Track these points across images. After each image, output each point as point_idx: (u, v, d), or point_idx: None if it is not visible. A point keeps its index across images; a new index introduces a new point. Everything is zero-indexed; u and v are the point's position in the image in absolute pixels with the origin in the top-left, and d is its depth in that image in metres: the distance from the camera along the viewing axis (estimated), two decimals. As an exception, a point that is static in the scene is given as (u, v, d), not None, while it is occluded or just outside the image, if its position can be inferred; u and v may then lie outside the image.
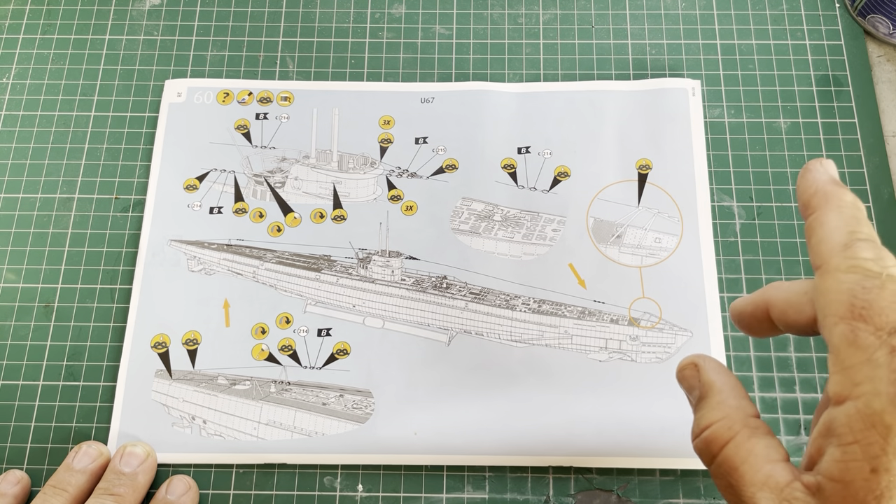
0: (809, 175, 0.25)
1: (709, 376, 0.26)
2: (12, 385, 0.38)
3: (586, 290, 0.38)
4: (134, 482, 0.34)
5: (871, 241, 0.22)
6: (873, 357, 0.20)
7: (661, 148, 0.41)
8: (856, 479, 0.19)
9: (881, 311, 0.20)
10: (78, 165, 0.42)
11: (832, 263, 0.21)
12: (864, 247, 0.21)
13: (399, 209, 0.40)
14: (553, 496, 0.36)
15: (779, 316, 0.25)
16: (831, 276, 0.21)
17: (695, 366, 0.27)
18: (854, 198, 0.23)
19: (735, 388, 0.25)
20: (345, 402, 0.37)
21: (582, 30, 0.45)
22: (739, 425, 0.23)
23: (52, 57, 0.44)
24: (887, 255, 0.21)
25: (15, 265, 0.40)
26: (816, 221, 0.23)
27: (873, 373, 0.19)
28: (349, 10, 0.45)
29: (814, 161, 0.25)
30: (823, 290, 0.21)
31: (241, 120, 0.42)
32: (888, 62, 0.44)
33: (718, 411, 0.24)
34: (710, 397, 0.25)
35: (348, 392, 0.37)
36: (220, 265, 0.39)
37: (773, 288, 0.25)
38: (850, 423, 0.19)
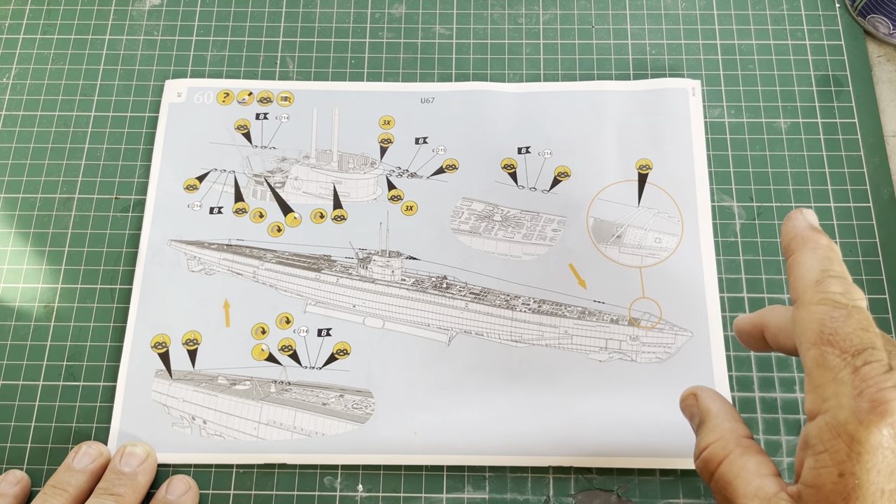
0: (790, 222, 0.28)
1: (706, 403, 0.29)
2: (12, 385, 0.38)
3: (586, 290, 0.38)
4: (134, 482, 0.34)
5: (841, 278, 0.25)
6: (839, 376, 0.22)
7: (662, 148, 0.41)
8: (826, 483, 0.22)
9: (846, 336, 0.23)
10: (78, 165, 0.42)
11: (806, 297, 0.24)
12: (834, 282, 0.24)
13: (399, 209, 0.40)
14: (553, 496, 0.36)
15: (771, 338, 0.28)
16: (805, 308, 0.24)
17: (694, 395, 0.30)
18: (829, 241, 0.26)
19: (729, 412, 0.29)
20: (345, 402, 0.37)
21: (582, 30, 0.45)
22: (733, 444, 0.26)
23: (52, 57, 0.44)
24: (855, 289, 0.24)
25: (15, 265, 0.40)
26: (794, 262, 0.26)
27: (839, 389, 0.22)
28: (349, 10, 0.45)
29: (795, 210, 0.28)
30: (798, 319, 0.24)
31: (242, 120, 0.42)
32: (888, 62, 0.44)
33: (714, 433, 0.28)
34: (708, 421, 0.28)
35: (348, 392, 0.37)
36: (220, 265, 0.39)
37: (769, 311, 0.29)
38: (820, 435, 0.22)
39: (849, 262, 0.39)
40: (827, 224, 0.40)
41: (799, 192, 0.40)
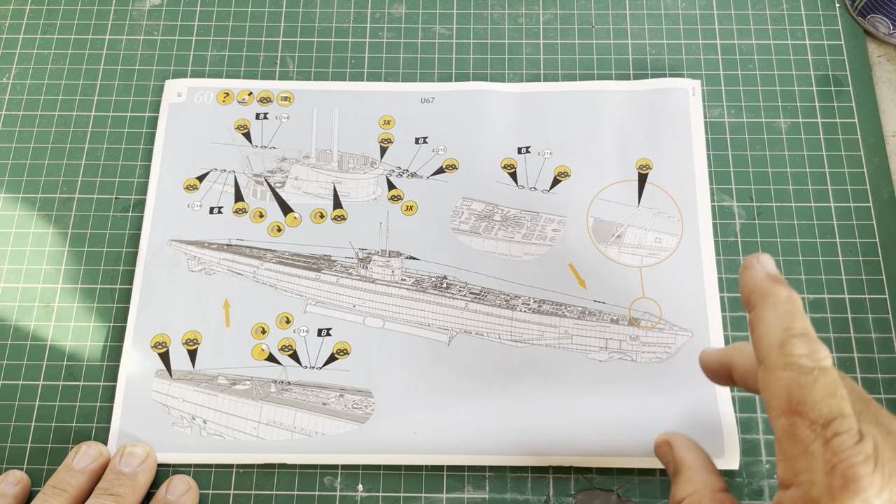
0: (747, 273, 0.27)
1: (680, 454, 0.30)
2: (12, 385, 0.38)
3: (586, 290, 0.38)
4: (134, 482, 0.34)
5: (804, 336, 0.24)
6: (810, 449, 0.22)
7: (662, 148, 0.41)
8: None
9: (815, 405, 0.23)
10: (78, 165, 0.42)
11: (771, 360, 0.24)
12: (798, 343, 0.24)
13: (399, 209, 0.40)
14: (553, 496, 0.36)
15: (740, 379, 0.29)
16: (771, 372, 0.24)
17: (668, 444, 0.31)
18: (789, 292, 0.26)
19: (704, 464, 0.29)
20: (345, 402, 0.37)
21: (582, 30, 0.45)
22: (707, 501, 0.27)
23: (52, 57, 0.44)
24: (820, 347, 0.24)
25: (15, 265, 0.40)
26: (756, 318, 0.26)
27: (811, 464, 0.22)
28: (349, 10, 0.45)
29: (751, 258, 0.28)
30: (765, 384, 0.24)
31: (242, 120, 0.42)
32: (888, 62, 0.44)
33: (689, 486, 0.28)
34: (682, 473, 0.29)
35: (348, 392, 0.37)
36: (220, 265, 0.39)
37: (737, 350, 0.29)
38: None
39: (849, 262, 0.39)
40: (827, 224, 0.40)
41: (799, 192, 0.41)
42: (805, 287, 0.39)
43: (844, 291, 0.39)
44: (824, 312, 0.38)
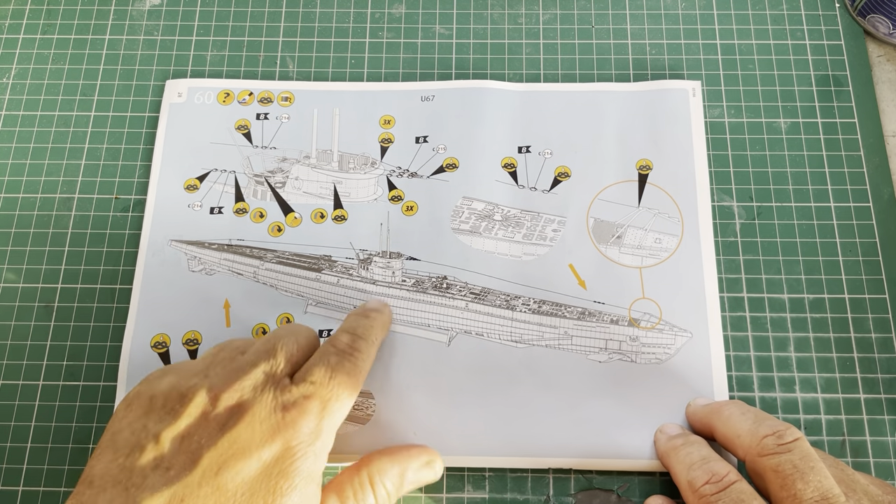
0: (655, 445, 0.35)
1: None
2: (12, 385, 0.38)
3: (586, 291, 0.38)
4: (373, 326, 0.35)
5: (702, 462, 0.31)
6: None
7: (662, 148, 0.41)
8: None
9: None
10: (78, 165, 0.42)
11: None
12: (696, 476, 0.30)
13: (399, 209, 0.40)
14: (553, 496, 0.36)
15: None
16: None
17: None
18: (685, 440, 0.33)
19: None
20: (345, 402, 0.37)
21: (582, 30, 0.45)
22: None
23: (52, 57, 0.44)
24: (721, 468, 0.30)
25: (15, 265, 0.40)
26: (671, 473, 0.33)
27: None
28: (349, 10, 0.45)
29: (655, 433, 0.35)
30: None
31: (242, 120, 0.42)
32: (888, 62, 0.44)
33: None
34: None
35: (349, 392, 0.37)
36: (220, 265, 0.39)
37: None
38: None
39: (849, 262, 0.39)
40: (827, 224, 0.40)
41: (799, 191, 0.41)
42: (805, 287, 0.39)
43: (844, 291, 0.39)
44: (824, 312, 0.38)
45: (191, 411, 0.27)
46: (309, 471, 0.27)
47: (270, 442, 0.27)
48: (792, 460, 0.29)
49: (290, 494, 0.26)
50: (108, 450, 0.27)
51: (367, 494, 0.30)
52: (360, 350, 0.32)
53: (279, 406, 0.28)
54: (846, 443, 0.36)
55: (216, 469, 0.26)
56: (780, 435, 0.30)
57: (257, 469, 0.26)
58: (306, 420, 0.28)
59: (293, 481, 0.27)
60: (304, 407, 0.28)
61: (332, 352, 0.31)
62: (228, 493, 0.26)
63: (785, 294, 0.39)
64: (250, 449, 0.27)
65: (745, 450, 0.31)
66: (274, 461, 0.27)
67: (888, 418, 0.36)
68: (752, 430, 0.30)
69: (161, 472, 0.26)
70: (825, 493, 0.27)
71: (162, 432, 0.27)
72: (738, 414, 0.32)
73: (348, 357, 0.31)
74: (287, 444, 0.27)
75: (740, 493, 0.29)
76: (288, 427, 0.28)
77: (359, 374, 0.31)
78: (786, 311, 0.38)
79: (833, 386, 0.37)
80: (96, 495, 0.25)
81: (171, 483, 0.25)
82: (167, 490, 0.25)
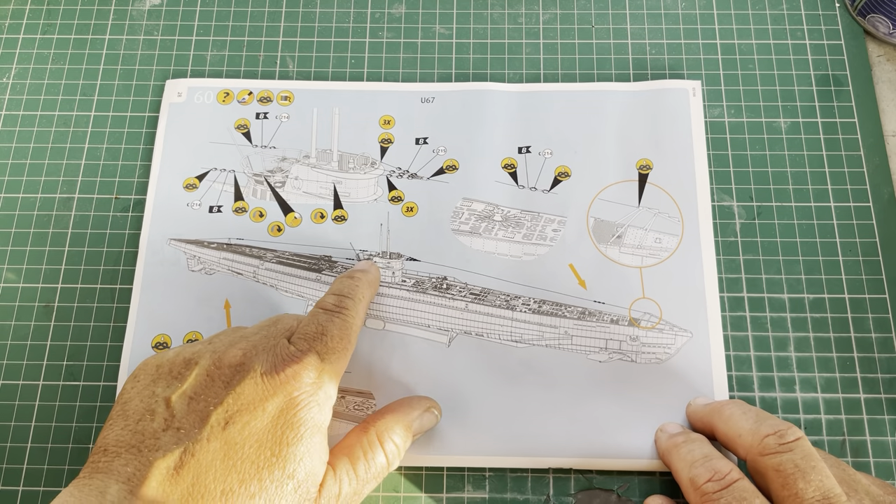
0: (656, 444, 0.35)
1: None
2: (12, 385, 0.38)
3: (586, 291, 0.38)
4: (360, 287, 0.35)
5: (704, 460, 0.31)
6: None
7: (662, 148, 0.41)
8: None
9: None
10: (78, 165, 0.42)
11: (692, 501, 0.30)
12: (699, 474, 0.30)
13: (399, 210, 0.40)
14: (553, 496, 0.36)
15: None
16: None
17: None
18: (685, 437, 0.33)
19: None
20: (346, 403, 0.37)
21: (582, 30, 0.45)
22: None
23: (52, 57, 0.44)
24: (722, 466, 0.30)
25: (15, 265, 0.40)
26: (672, 471, 0.33)
27: None
28: (349, 10, 0.45)
29: (656, 432, 0.35)
30: None
31: (242, 119, 0.42)
32: (888, 62, 0.44)
33: None
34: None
35: (349, 394, 0.37)
36: (220, 265, 0.39)
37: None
38: None
39: (849, 262, 0.39)
40: (827, 224, 0.40)
41: (799, 191, 0.41)
42: (805, 287, 0.39)
43: (844, 291, 0.39)
44: (824, 312, 0.38)
45: (197, 373, 0.29)
46: (314, 420, 0.29)
47: (273, 395, 0.28)
48: (793, 460, 0.29)
49: (296, 444, 0.28)
50: (119, 419, 0.28)
51: (376, 452, 0.31)
52: (347, 308, 0.33)
53: (279, 360, 0.29)
54: (846, 443, 0.36)
55: (223, 424, 0.27)
56: (781, 434, 0.30)
57: (264, 422, 0.28)
58: (306, 371, 0.29)
59: (299, 431, 0.28)
60: (302, 359, 0.29)
61: (321, 312, 0.32)
62: (237, 445, 0.27)
63: (785, 294, 0.39)
64: (254, 402, 0.28)
65: (746, 449, 0.31)
66: (279, 413, 0.28)
67: (888, 418, 0.36)
68: (753, 430, 0.30)
69: (172, 433, 0.27)
70: (826, 493, 0.27)
71: (171, 396, 0.28)
72: (739, 413, 0.32)
73: (337, 314, 0.32)
74: (289, 396, 0.28)
75: (743, 491, 0.29)
76: (289, 379, 0.29)
77: (348, 329, 0.32)
78: (786, 310, 0.38)
79: (833, 386, 0.37)
80: (111, 461, 0.26)
81: (182, 441, 0.26)
82: (178, 448, 0.26)
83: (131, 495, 0.25)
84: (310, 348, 0.30)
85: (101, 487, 0.25)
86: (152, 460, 0.26)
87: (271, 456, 0.27)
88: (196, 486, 0.26)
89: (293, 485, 0.27)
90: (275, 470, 0.27)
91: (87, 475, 0.26)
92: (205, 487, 0.26)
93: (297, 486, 0.27)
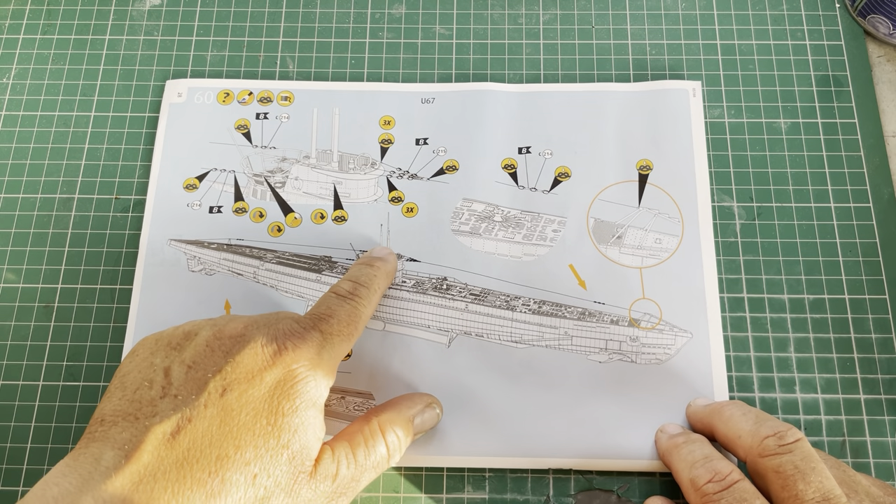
0: (657, 444, 0.35)
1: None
2: (12, 385, 0.38)
3: (586, 291, 0.38)
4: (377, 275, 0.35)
5: (705, 461, 0.31)
6: None
7: (662, 148, 0.41)
8: None
9: None
10: (78, 165, 0.42)
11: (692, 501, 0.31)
12: (699, 474, 0.30)
13: (400, 210, 0.40)
14: (553, 496, 0.36)
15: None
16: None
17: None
18: (685, 438, 0.34)
19: None
20: (346, 403, 0.37)
21: (582, 30, 0.44)
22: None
23: (52, 57, 0.44)
24: (723, 466, 0.30)
25: (15, 265, 0.40)
26: (672, 471, 0.33)
27: None
28: (349, 10, 0.45)
29: (657, 433, 0.35)
30: None
31: (242, 120, 0.42)
32: (888, 62, 0.44)
33: None
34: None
35: (349, 394, 0.37)
36: (220, 265, 0.39)
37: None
38: None
39: (849, 262, 0.39)
40: (827, 224, 0.40)
41: (799, 192, 0.41)
42: (805, 287, 0.39)
43: (844, 291, 0.39)
44: (824, 312, 0.38)
45: (196, 343, 0.29)
46: (310, 395, 0.29)
47: (272, 366, 0.28)
48: (793, 461, 0.29)
49: (291, 415, 0.28)
50: (117, 390, 0.28)
51: (377, 441, 0.31)
52: (361, 296, 0.33)
53: (281, 334, 0.29)
54: (846, 443, 0.36)
55: (221, 391, 0.27)
56: (781, 436, 0.30)
57: (261, 391, 0.28)
58: (306, 346, 0.29)
59: (294, 403, 0.28)
60: (305, 336, 0.30)
61: (333, 297, 0.32)
62: (233, 412, 0.27)
63: (785, 294, 0.39)
64: (253, 372, 0.28)
65: (746, 450, 0.31)
66: (276, 383, 0.28)
67: (888, 419, 0.36)
68: (753, 431, 0.30)
69: (170, 399, 0.27)
70: (826, 494, 0.28)
71: (170, 365, 0.28)
72: (739, 414, 0.32)
73: (348, 300, 0.32)
74: (288, 368, 0.28)
75: (743, 492, 0.29)
76: (289, 351, 0.29)
77: (357, 317, 0.32)
78: (786, 311, 0.38)
79: (833, 386, 0.37)
80: (108, 430, 0.26)
81: (179, 407, 0.27)
82: (175, 414, 0.26)
83: (126, 460, 0.25)
84: (314, 326, 0.30)
85: (96, 455, 0.26)
86: (149, 426, 0.26)
87: (267, 425, 0.27)
88: (192, 450, 0.26)
89: (288, 455, 0.27)
90: (270, 438, 0.27)
91: (84, 445, 0.26)
92: (200, 452, 0.26)
93: (291, 458, 0.27)
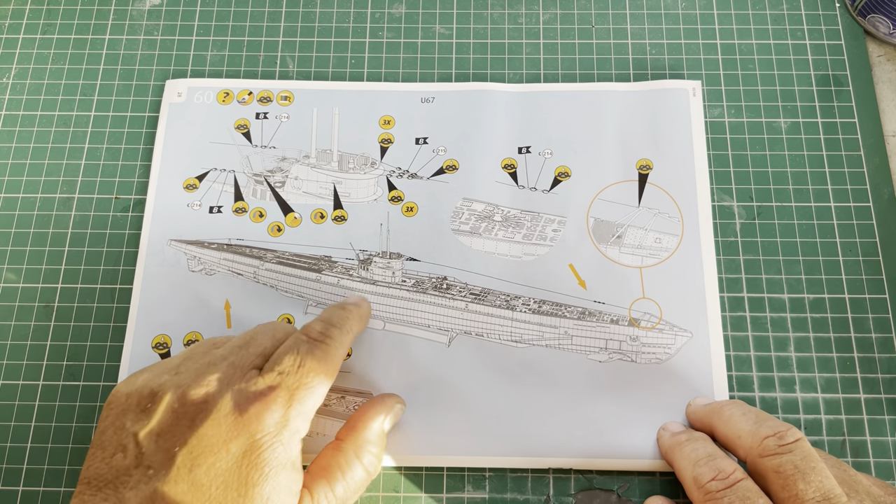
0: (659, 441, 0.35)
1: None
2: (12, 385, 0.38)
3: (586, 291, 0.38)
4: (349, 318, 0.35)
5: (708, 459, 0.31)
6: None
7: (662, 148, 0.41)
8: None
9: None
10: (78, 165, 0.42)
11: (694, 499, 0.31)
12: (703, 472, 0.30)
13: (399, 210, 0.40)
14: (553, 496, 0.36)
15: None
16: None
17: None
18: (689, 436, 0.33)
19: None
20: (346, 403, 0.37)
21: (582, 30, 0.45)
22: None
23: (52, 57, 0.44)
24: (727, 465, 0.30)
25: (15, 265, 0.40)
26: (675, 468, 0.33)
27: None
28: (349, 10, 0.45)
29: (659, 430, 0.35)
30: None
31: (242, 119, 0.42)
32: (888, 62, 0.44)
33: None
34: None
35: (349, 394, 0.37)
36: (220, 265, 0.39)
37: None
38: None
39: (849, 262, 0.39)
40: (827, 224, 0.40)
41: (799, 191, 0.41)
42: (805, 287, 0.39)
43: (844, 291, 0.39)
44: (824, 312, 0.38)
45: (162, 410, 0.28)
46: (279, 459, 0.28)
47: (236, 437, 0.28)
48: (793, 461, 0.29)
49: (261, 484, 0.28)
50: (98, 449, 0.28)
51: (354, 468, 0.31)
52: (333, 337, 0.32)
53: (243, 399, 0.29)
54: (846, 443, 0.36)
55: (189, 466, 0.27)
56: (781, 436, 0.30)
57: (228, 463, 0.27)
58: (270, 412, 0.29)
59: (263, 471, 0.28)
60: (269, 398, 0.29)
61: (304, 340, 0.31)
62: (203, 487, 0.27)
63: (785, 294, 0.39)
64: (217, 445, 0.28)
65: (746, 450, 0.31)
66: (242, 454, 0.28)
67: (888, 418, 0.36)
68: (753, 431, 0.30)
69: (142, 471, 0.27)
70: (827, 494, 0.27)
71: (139, 432, 0.28)
72: (739, 414, 0.32)
73: (319, 344, 0.31)
74: (252, 438, 0.28)
75: (746, 490, 0.29)
76: (252, 420, 0.28)
77: (330, 360, 0.31)
78: (786, 310, 0.38)
79: (833, 386, 0.37)
80: (94, 494, 0.27)
81: (151, 481, 0.27)
82: (148, 488, 0.27)
83: None
84: (280, 384, 0.29)
85: None
86: (128, 498, 0.26)
87: (238, 497, 0.27)
88: None
89: None
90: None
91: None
92: None
93: None
